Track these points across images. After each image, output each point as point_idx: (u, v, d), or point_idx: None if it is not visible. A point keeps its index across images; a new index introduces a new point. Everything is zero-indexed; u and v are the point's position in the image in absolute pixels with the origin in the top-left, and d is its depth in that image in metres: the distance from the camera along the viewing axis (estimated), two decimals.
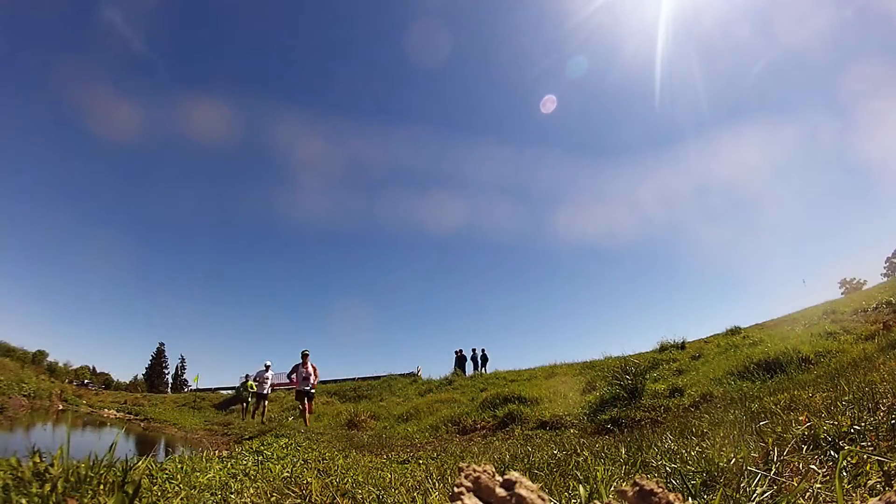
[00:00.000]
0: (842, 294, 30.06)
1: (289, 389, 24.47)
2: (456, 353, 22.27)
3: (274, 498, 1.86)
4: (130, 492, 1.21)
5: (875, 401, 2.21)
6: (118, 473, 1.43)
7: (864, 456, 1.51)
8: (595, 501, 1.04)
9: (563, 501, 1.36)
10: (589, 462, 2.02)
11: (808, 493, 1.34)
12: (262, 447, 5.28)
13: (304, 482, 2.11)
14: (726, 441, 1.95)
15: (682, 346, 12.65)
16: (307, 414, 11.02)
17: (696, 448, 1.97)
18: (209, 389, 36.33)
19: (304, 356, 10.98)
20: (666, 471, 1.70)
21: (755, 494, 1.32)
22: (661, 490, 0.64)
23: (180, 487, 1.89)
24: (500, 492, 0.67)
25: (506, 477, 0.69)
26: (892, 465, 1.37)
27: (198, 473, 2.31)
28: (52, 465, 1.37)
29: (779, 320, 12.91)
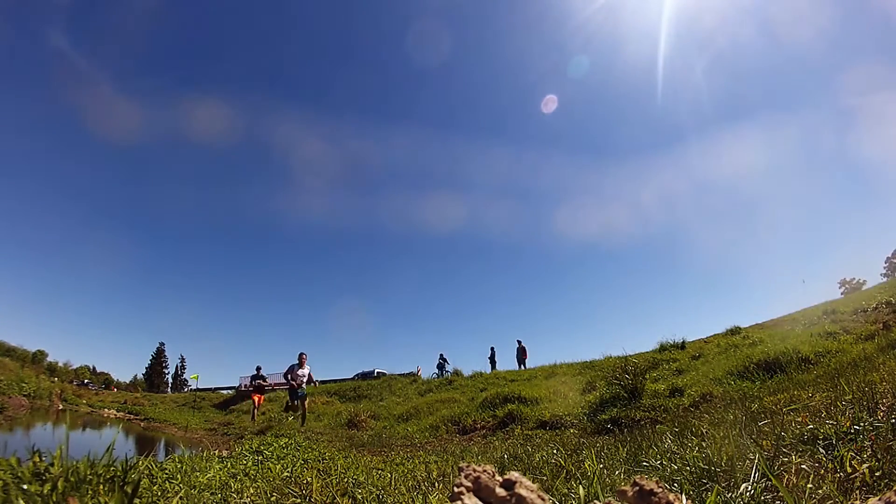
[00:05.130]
0: (842, 294, 30.07)
1: (285, 389, 24.49)
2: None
3: (274, 497, 1.86)
4: (130, 491, 1.21)
5: (875, 401, 2.21)
6: (118, 473, 1.43)
7: (864, 455, 1.51)
8: (595, 501, 1.04)
9: (563, 501, 1.36)
10: (588, 462, 2.01)
11: (807, 493, 1.34)
12: (261, 447, 5.28)
13: (304, 482, 2.11)
14: (726, 441, 1.95)
15: (682, 345, 12.64)
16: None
17: (696, 448, 1.97)
18: (209, 389, 36.38)
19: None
20: (666, 471, 1.70)
21: (754, 494, 1.32)
22: (660, 490, 0.64)
23: (180, 487, 1.89)
24: (500, 492, 0.67)
25: (506, 477, 0.69)
26: (891, 465, 1.37)
27: (198, 473, 2.31)
28: (52, 464, 1.37)
29: (779, 320, 12.92)
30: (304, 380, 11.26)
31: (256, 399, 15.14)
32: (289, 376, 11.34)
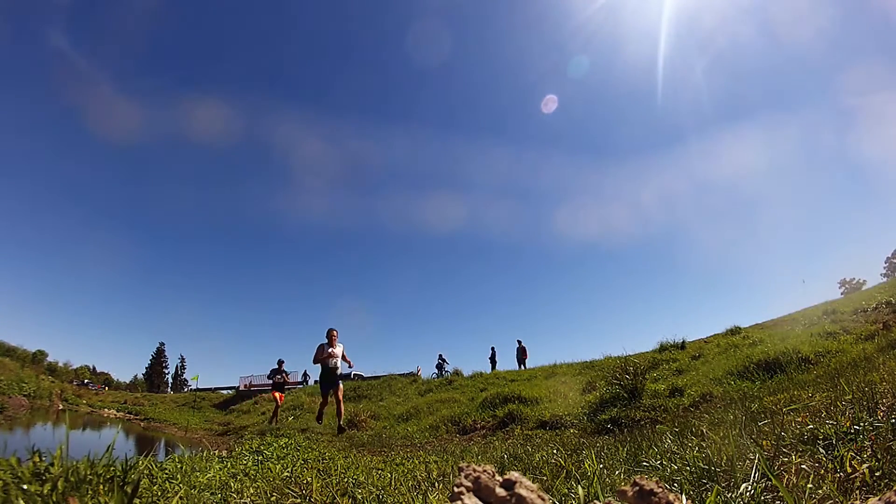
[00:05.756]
0: (842, 294, 30.11)
1: (291, 389, 24.45)
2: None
3: (274, 497, 1.86)
4: (130, 491, 1.21)
5: (875, 401, 2.21)
6: (118, 473, 1.43)
7: (864, 455, 1.51)
8: (595, 501, 1.04)
9: (563, 501, 1.37)
10: (588, 462, 2.01)
11: (807, 493, 1.34)
12: (261, 447, 5.28)
13: (305, 482, 2.11)
14: (726, 441, 1.95)
15: (682, 345, 12.64)
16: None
17: (696, 448, 1.97)
18: (209, 389, 36.40)
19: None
20: (666, 471, 1.70)
21: (754, 494, 1.32)
22: (660, 490, 0.64)
23: (180, 487, 1.89)
24: (500, 492, 0.67)
25: (506, 477, 0.69)
26: (891, 465, 1.37)
27: (198, 473, 2.31)
28: (52, 464, 1.37)
29: (779, 320, 12.92)
30: (339, 361, 8.69)
31: (277, 397, 13.73)
32: (320, 357, 8.58)
